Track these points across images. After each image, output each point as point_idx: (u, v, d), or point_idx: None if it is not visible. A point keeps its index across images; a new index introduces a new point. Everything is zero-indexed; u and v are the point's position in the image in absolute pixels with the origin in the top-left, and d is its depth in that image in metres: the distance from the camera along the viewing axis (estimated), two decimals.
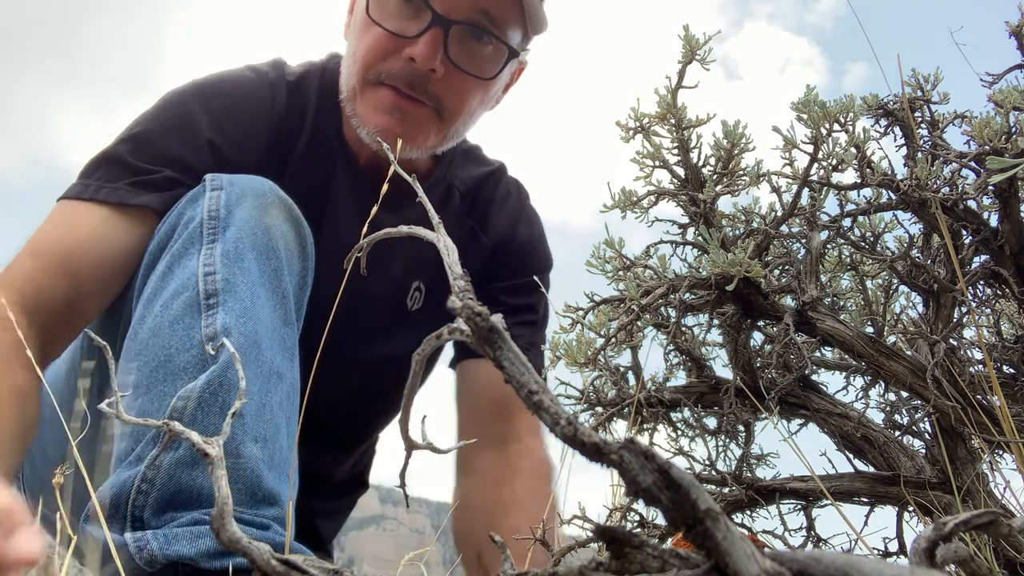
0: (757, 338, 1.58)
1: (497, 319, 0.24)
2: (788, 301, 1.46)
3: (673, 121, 1.42)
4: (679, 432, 1.59)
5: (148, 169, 1.14)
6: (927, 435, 1.42)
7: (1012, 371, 1.38)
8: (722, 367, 1.58)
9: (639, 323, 1.38)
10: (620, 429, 1.53)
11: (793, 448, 1.19)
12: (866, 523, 1.38)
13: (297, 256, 1.07)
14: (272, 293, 0.99)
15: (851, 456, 1.43)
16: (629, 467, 0.19)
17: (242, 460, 0.87)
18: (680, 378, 1.62)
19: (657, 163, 1.45)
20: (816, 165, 1.37)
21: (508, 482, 1.33)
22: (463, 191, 1.46)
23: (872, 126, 1.41)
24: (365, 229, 0.61)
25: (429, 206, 0.35)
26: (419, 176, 1.32)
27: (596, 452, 0.19)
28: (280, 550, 0.85)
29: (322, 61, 1.39)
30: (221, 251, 0.97)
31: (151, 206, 1.13)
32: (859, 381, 1.57)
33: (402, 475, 0.35)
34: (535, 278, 1.47)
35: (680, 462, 1.57)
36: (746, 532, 1.45)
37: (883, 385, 1.50)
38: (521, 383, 0.21)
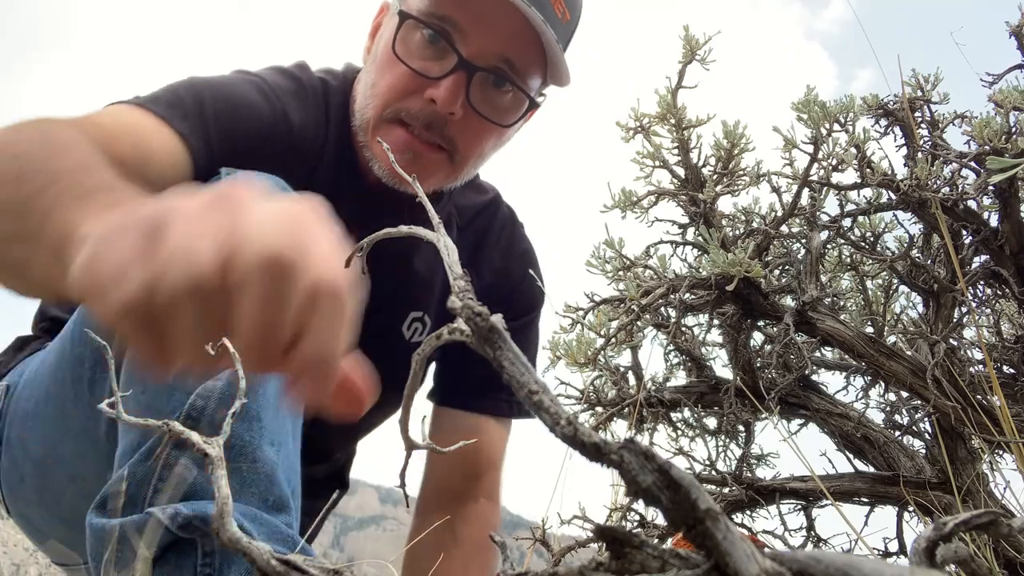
0: (757, 338, 1.58)
1: (497, 319, 0.24)
2: (788, 301, 1.46)
3: (673, 121, 1.42)
4: (679, 432, 1.59)
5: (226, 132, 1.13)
6: (927, 435, 1.42)
7: (1012, 371, 1.38)
8: (722, 367, 1.58)
9: (639, 323, 1.38)
10: (620, 429, 1.54)
11: (793, 448, 1.19)
12: (866, 523, 1.38)
13: None
14: None
15: (851, 456, 1.43)
16: (629, 467, 0.19)
17: (258, 465, 0.86)
18: (680, 378, 1.63)
19: (657, 163, 1.45)
20: (816, 165, 1.37)
21: (447, 550, 1.35)
22: (461, 224, 1.47)
23: (872, 126, 1.41)
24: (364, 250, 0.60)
25: (430, 206, 0.36)
26: (421, 205, 1.32)
27: (596, 452, 0.20)
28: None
29: (342, 72, 1.39)
30: None
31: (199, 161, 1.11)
32: (859, 381, 1.57)
33: (402, 475, 0.35)
34: (528, 315, 1.47)
35: (680, 462, 1.57)
36: (746, 532, 1.45)
37: (883, 385, 1.50)
38: (521, 383, 0.21)
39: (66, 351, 1.16)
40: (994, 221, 1.31)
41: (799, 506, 1.45)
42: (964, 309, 1.38)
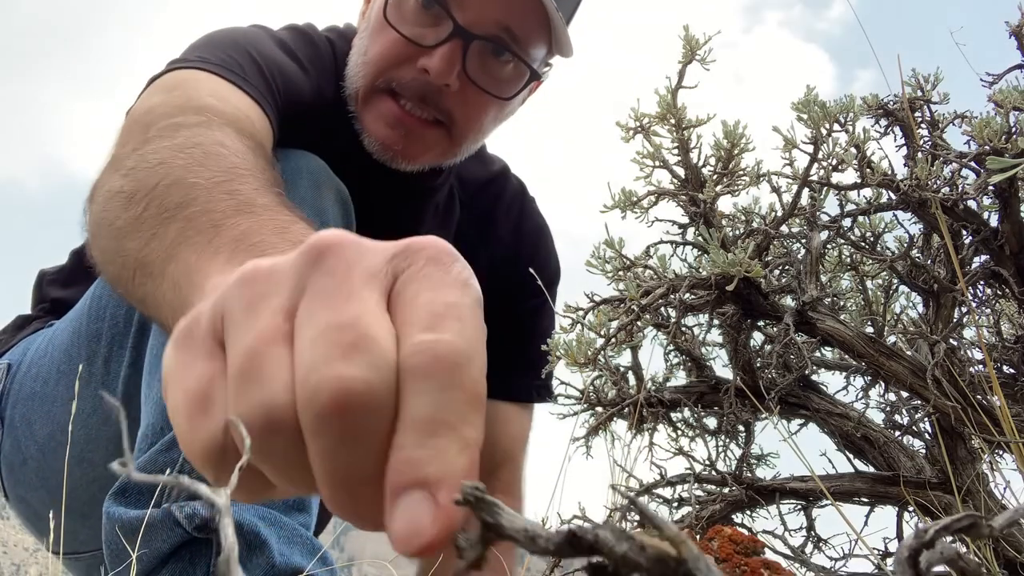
0: (757, 338, 1.58)
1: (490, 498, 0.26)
2: (788, 301, 1.46)
3: (673, 121, 1.42)
4: (679, 432, 1.59)
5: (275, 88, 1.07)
6: (927, 435, 1.42)
7: (1012, 371, 1.38)
8: (722, 367, 1.58)
9: (639, 323, 1.38)
10: (620, 429, 1.53)
11: (793, 448, 1.19)
12: (866, 523, 1.38)
13: None
14: None
15: (851, 456, 1.43)
16: (606, 542, 0.21)
17: None
18: (680, 378, 1.63)
19: (657, 163, 1.45)
20: (816, 165, 1.37)
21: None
22: (464, 199, 1.40)
23: (872, 126, 1.41)
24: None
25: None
26: (422, 177, 1.27)
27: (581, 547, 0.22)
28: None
29: (344, 32, 1.31)
30: None
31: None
32: (859, 381, 1.57)
33: None
34: (535, 300, 1.43)
35: (680, 462, 1.57)
36: (746, 532, 1.45)
37: (883, 385, 1.50)
38: (519, 529, 0.24)
39: (82, 328, 1.12)
40: (994, 221, 1.31)
41: (799, 506, 1.45)
42: (964, 309, 1.38)
